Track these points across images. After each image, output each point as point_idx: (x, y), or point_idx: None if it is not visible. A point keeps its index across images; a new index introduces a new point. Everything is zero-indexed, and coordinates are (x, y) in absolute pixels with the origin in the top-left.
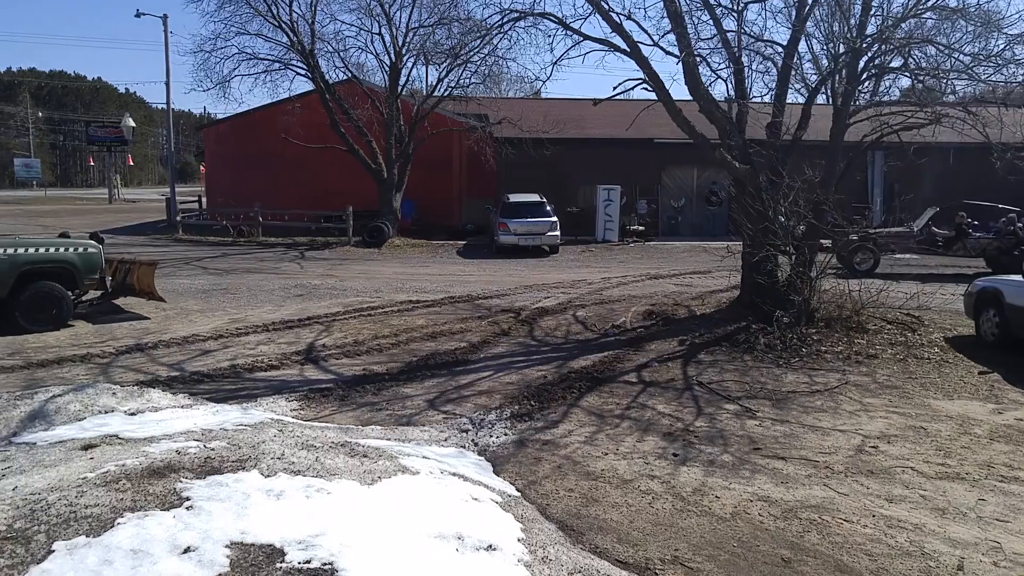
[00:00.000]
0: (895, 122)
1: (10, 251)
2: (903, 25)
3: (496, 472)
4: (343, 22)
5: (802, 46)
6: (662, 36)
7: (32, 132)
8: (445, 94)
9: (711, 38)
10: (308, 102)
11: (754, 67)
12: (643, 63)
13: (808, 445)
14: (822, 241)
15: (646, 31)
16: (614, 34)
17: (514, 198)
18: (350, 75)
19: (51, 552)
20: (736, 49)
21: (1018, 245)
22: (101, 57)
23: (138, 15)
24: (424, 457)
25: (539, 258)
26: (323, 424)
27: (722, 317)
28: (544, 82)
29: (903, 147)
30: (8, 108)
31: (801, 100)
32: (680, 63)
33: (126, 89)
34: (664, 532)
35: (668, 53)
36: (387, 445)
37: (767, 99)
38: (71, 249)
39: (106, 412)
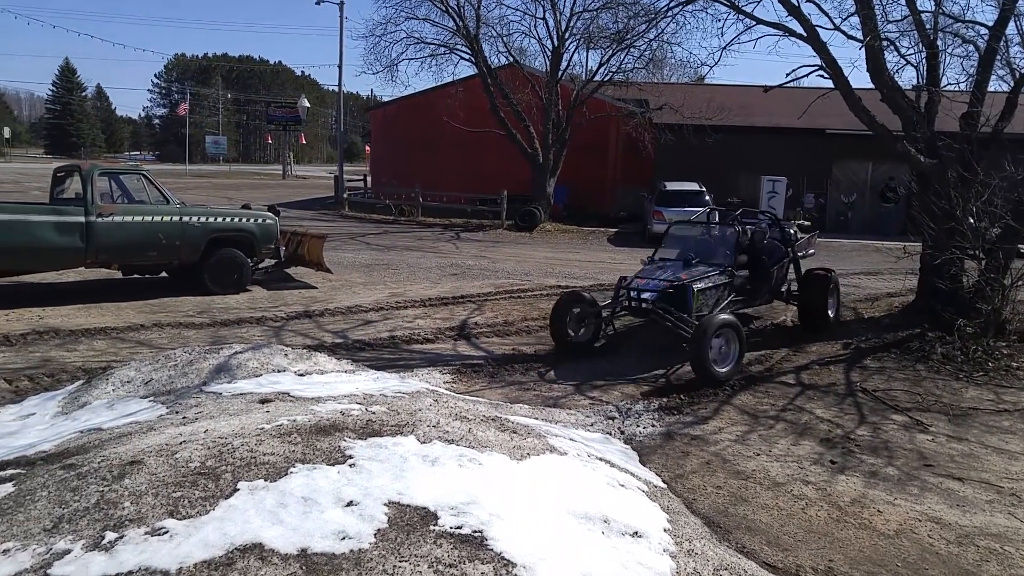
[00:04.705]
0: None
1: (202, 219)
2: None
3: (642, 462)
4: (508, 6)
5: (1010, 28)
6: (844, 19)
7: (221, 112)
8: (606, 79)
9: (901, 20)
10: (469, 86)
11: (950, 51)
12: (821, 48)
13: (991, 468)
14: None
15: (826, 13)
16: (790, 18)
17: (671, 186)
18: (512, 60)
19: (236, 490)
20: (931, 31)
21: None
22: (281, 42)
23: (318, 3)
24: (571, 439)
25: None
26: (474, 398)
27: (893, 322)
28: (711, 68)
29: None
30: (203, 90)
31: (1004, 88)
32: (863, 48)
33: (302, 72)
34: (817, 540)
35: (850, 37)
36: (535, 424)
37: (962, 86)
38: (251, 220)
39: (279, 371)
